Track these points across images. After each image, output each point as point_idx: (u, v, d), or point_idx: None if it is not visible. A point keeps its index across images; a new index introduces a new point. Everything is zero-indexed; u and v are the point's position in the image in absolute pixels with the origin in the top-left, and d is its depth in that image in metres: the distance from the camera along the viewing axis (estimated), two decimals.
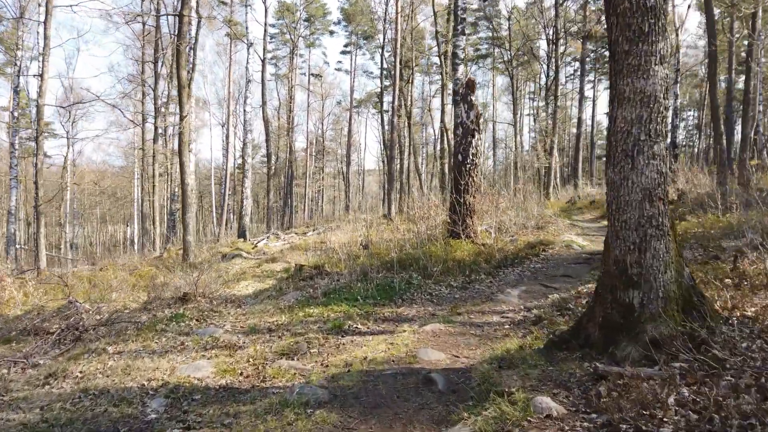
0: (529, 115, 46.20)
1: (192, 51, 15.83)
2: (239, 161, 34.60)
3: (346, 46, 41.56)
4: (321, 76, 40.82)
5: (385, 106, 31.59)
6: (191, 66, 15.60)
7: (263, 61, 25.89)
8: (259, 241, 18.85)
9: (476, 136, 9.84)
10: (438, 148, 32.27)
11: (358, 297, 6.70)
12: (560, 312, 4.77)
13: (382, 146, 32.36)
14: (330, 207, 50.51)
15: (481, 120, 10.06)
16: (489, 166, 40.87)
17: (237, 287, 9.88)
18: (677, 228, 9.09)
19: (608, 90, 3.41)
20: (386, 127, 29.41)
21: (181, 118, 14.01)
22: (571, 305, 4.84)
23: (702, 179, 15.25)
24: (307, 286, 8.09)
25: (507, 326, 4.84)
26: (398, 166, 27.08)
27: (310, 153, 43.75)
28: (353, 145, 46.39)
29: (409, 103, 28.72)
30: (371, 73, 42.49)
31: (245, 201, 22.06)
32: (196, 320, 6.64)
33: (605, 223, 14.63)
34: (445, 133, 22.38)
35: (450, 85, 24.39)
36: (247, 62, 21.94)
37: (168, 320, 6.61)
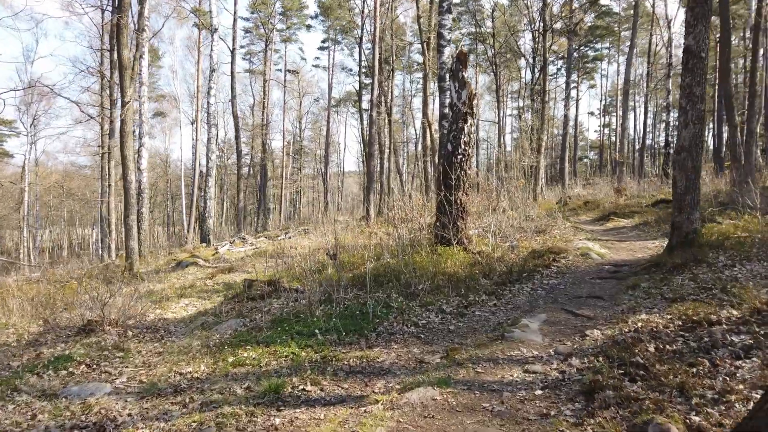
0: (511, 115, 45.01)
1: (136, 28, 13.72)
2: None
3: (323, 41, 39.80)
4: (298, 73, 38.85)
5: (365, 104, 29.86)
6: (135, 44, 13.53)
7: (232, 51, 23.83)
8: (221, 246, 16.85)
9: (469, 121, 8.09)
10: (419, 147, 30.57)
11: (316, 330, 4.85)
12: (621, 368, 3.00)
13: (362, 146, 30.63)
14: (308, 209, 48.78)
15: (475, 102, 8.31)
16: (472, 165, 39.54)
17: (173, 307, 7.93)
18: (711, 231, 7.47)
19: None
20: (365, 124, 27.62)
21: (123, 104, 11.98)
22: (640, 358, 3.07)
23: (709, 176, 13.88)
24: (254, 310, 6.21)
25: (539, 391, 3.05)
26: (378, 166, 25.29)
27: (288, 153, 41.73)
28: (332, 146, 44.42)
29: (389, 99, 26.97)
30: (350, 69, 40.85)
31: (209, 202, 20.00)
32: (86, 365, 4.70)
33: (610, 225, 12.98)
34: (428, 128, 20.66)
35: (431, 85, 22.83)
36: (211, 50, 19.88)
37: (46, 366, 4.66)
